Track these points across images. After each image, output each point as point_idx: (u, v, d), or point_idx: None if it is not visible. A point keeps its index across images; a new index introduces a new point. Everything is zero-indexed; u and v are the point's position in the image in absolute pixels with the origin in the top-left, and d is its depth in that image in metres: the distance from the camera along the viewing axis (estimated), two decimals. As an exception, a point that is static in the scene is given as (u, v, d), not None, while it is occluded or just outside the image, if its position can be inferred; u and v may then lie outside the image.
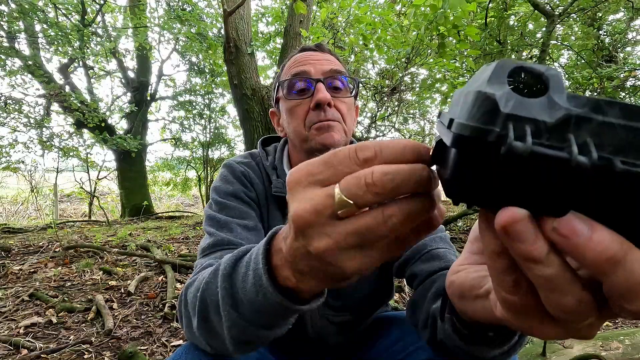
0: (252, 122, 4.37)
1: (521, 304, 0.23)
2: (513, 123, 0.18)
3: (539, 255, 0.19)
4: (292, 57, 0.81)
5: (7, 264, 2.89)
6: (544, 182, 0.18)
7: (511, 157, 0.17)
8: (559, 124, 0.18)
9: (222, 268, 0.44)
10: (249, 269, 0.39)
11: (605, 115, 0.17)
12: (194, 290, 0.50)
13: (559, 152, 0.17)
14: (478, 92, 0.19)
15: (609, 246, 0.17)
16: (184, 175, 10.40)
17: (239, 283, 0.41)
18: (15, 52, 5.74)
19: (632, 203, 0.17)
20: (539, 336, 0.25)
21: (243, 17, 4.47)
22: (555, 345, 1.50)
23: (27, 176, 8.19)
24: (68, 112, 6.69)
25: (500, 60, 0.20)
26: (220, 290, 0.43)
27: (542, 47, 4.61)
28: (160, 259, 2.97)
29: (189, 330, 0.52)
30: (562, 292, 0.20)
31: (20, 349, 1.67)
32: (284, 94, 0.77)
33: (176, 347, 1.76)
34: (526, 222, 0.19)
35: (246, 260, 0.41)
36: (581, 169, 0.17)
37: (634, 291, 0.18)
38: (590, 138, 0.17)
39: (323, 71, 0.74)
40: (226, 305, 0.42)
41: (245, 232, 0.69)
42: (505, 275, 0.23)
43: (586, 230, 0.18)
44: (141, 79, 8.26)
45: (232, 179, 0.77)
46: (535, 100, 0.18)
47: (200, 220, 5.93)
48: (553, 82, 0.19)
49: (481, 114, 0.19)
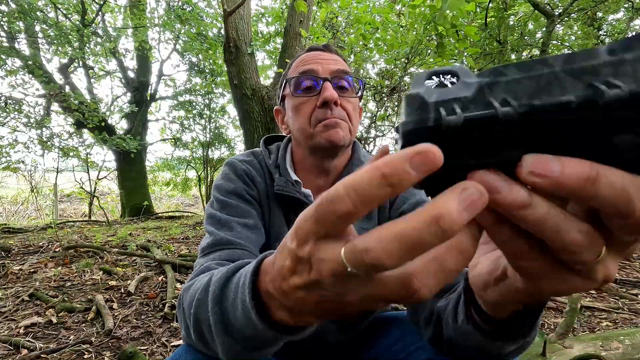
0: (252, 122, 4.37)
1: (537, 265, 0.24)
2: (443, 106, 0.21)
3: (522, 198, 0.20)
4: (299, 56, 0.82)
5: (7, 264, 2.89)
6: (488, 143, 0.21)
7: (452, 131, 0.20)
8: (476, 94, 0.21)
9: (212, 290, 0.43)
10: (237, 297, 0.38)
11: (507, 75, 0.21)
12: (189, 300, 0.50)
13: (486, 111, 0.20)
14: (406, 96, 0.22)
15: (581, 169, 0.19)
16: (184, 175, 10.40)
17: (229, 308, 0.40)
18: (16, 52, 5.74)
19: (565, 133, 0.20)
20: (565, 292, 0.25)
21: (243, 17, 4.47)
22: (555, 346, 1.50)
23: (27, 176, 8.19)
24: (68, 112, 6.69)
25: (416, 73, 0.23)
26: (212, 315, 0.42)
27: (542, 47, 4.61)
28: (160, 259, 2.97)
29: (187, 334, 0.52)
30: (564, 229, 0.21)
31: (20, 349, 1.67)
32: (291, 91, 0.77)
33: (176, 347, 1.76)
34: (491, 174, 0.21)
35: (235, 283, 0.40)
36: (509, 116, 0.20)
37: (622, 202, 0.19)
38: (506, 95, 0.20)
39: (330, 70, 0.75)
40: (218, 330, 0.42)
41: (246, 231, 0.69)
42: (513, 242, 0.24)
43: (556, 163, 0.19)
44: (141, 79, 8.26)
45: (233, 177, 0.77)
46: (453, 86, 0.22)
47: (200, 220, 5.93)
48: (461, 71, 0.22)
49: (415, 109, 0.22)
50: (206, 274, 0.55)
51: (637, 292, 2.38)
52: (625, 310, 2.08)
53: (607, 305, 2.14)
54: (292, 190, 0.75)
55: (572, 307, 1.66)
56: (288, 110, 0.80)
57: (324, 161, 0.78)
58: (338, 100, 0.73)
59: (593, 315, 2.04)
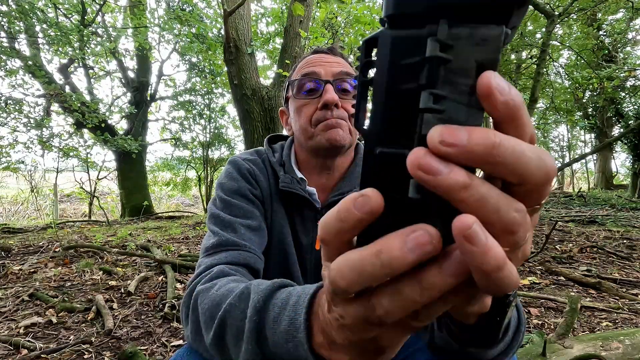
0: (252, 122, 4.37)
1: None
2: None
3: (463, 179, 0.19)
4: (304, 59, 0.83)
5: (7, 264, 2.89)
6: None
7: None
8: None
9: (255, 299, 0.43)
10: (284, 313, 0.39)
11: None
12: (210, 304, 0.50)
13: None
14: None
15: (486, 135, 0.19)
16: (184, 175, 10.41)
17: (270, 322, 0.40)
18: (16, 53, 5.75)
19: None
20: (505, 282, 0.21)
21: (243, 17, 4.47)
22: (555, 346, 1.50)
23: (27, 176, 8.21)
24: (68, 112, 6.70)
25: None
26: (249, 323, 0.42)
27: (542, 47, 4.61)
28: (160, 259, 2.97)
29: (196, 337, 0.52)
30: (503, 208, 0.20)
31: (20, 349, 1.67)
32: (294, 93, 0.78)
33: (176, 347, 1.76)
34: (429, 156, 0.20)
35: (282, 299, 0.41)
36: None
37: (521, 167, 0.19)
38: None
39: (333, 73, 0.76)
40: (251, 340, 0.42)
41: (249, 233, 0.69)
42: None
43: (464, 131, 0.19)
44: (141, 79, 8.27)
45: (237, 176, 0.77)
46: None
47: (200, 220, 5.93)
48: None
49: None
50: (229, 280, 0.55)
51: (637, 292, 2.38)
52: (625, 310, 2.08)
53: (607, 305, 2.14)
54: (297, 188, 0.76)
55: (572, 307, 1.66)
56: (291, 111, 0.81)
57: (326, 160, 0.79)
58: (339, 102, 0.73)
59: (593, 315, 2.04)
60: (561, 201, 7.32)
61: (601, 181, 11.26)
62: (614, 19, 8.36)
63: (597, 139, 10.64)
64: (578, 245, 3.51)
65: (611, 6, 6.72)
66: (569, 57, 10.06)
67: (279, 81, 4.43)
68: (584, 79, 6.35)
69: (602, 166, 11.54)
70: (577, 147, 15.31)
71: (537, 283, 2.55)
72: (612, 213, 5.67)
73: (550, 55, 5.89)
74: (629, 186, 8.81)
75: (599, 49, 7.98)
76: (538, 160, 0.20)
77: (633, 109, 8.57)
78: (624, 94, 8.65)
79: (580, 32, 7.96)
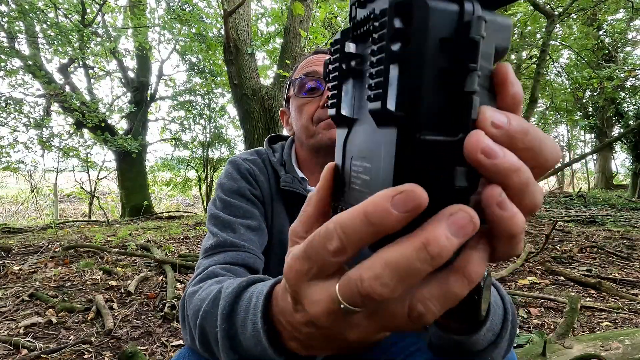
0: (252, 122, 4.37)
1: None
2: None
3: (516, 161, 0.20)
4: (305, 59, 0.83)
5: (7, 264, 2.89)
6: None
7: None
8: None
9: (222, 305, 0.43)
10: (248, 317, 0.38)
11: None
12: (194, 309, 0.50)
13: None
14: None
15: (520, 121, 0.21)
16: (184, 175, 10.41)
17: (239, 326, 0.40)
18: (16, 53, 5.74)
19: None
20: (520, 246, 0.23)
21: (243, 17, 4.47)
22: (555, 346, 1.50)
23: (27, 176, 8.20)
24: (68, 112, 6.70)
25: None
26: (220, 331, 0.42)
27: (542, 47, 4.61)
28: (160, 259, 2.97)
29: (192, 340, 0.52)
30: (537, 190, 0.22)
31: (20, 349, 1.67)
32: (295, 92, 0.78)
33: (176, 347, 1.76)
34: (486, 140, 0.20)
35: (245, 301, 0.40)
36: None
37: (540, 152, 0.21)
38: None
39: None
40: (225, 346, 0.42)
41: (249, 233, 0.69)
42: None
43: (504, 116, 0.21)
44: (141, 79, 8.26)
45: (237, 176, 0.77)
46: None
47: (200, 220, 5.92)
48: None
49: None
50: (213, 282, 0.55)
51: (637, 292, 2.38)
52: (625, 310, 2.08)
53: (607, 305, 2.14)
54: (298, 187, 0.76)
55: (572, 307, 1.66)
56: (292, 110, 0.81)
57: (327, 159, 0.78)
58: None
59: (593, 315, 2.04)
60: (561, 201, 7.32)
61: (601, 181, 11.26)
62: (614, 19, 8.36)
63: (597, 139, 10.64)
64: (578, 245, 3.51)
65: (611, 6, 6.71)
66: (569, 57, 10.06)
67: (279, 81, 4.43)
68: (584, 79, 6.35)
69: (602, 166, 11.54)
70: (577, 147, 15.31)
71: (537, 283, 2.55)
72: (612, 213, 5.67)
73: (550, 55, 5.89)
74: (629, 186, 8.81)
75: (599, 49, 7.98)
76: (552, 147, 0.22)
77: (633, 109, 8.57)
78: (624, 94, 8.65)
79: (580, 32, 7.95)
